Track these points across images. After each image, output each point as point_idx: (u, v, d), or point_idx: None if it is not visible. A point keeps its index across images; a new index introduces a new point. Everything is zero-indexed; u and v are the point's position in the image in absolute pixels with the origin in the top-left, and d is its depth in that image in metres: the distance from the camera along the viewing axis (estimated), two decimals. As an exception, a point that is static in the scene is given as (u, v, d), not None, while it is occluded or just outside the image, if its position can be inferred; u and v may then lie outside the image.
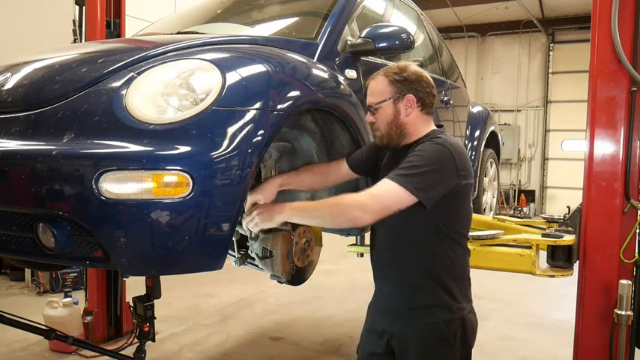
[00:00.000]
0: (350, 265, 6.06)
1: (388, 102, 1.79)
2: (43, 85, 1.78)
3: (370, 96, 1.85)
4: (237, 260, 2.23)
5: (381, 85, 1.81)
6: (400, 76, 1.79)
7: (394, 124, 1.80)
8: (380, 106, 1.80)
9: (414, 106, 1.79)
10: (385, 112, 1.80)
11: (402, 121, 1.79)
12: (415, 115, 1.80)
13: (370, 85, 1.86)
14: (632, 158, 2.43)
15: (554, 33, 13.23)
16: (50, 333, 2.94)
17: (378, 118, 1.82)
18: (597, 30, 2.46)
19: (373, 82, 1.85)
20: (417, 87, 1.80)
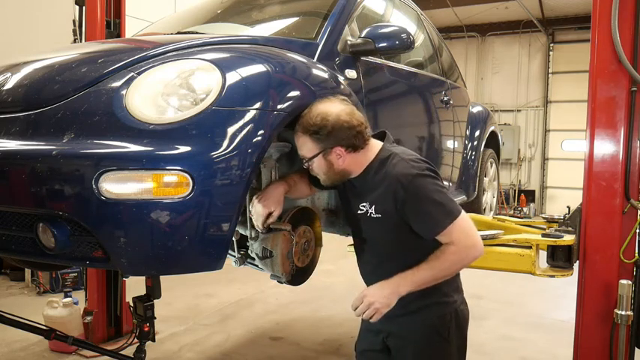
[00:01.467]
0: (350, 265, 6.02)
1: (318, 157, 1.75)
2: (43, 85, 1.78)
3: (300, 150, 1.79)
4: (237, 260, 2.23)
5: (306, 142, 1.75)
6: (320, 134, 1.70)
7: (332, 172, 1.78)
8: (311, 161, 1.77)
9: (344, 155, 1.74)
10: (319, 166, 1.77)
11: (339, 168, 1.77)
12: (351, 159, 1.76)
13: (297, 140, 1.79)
14: (632, 158, 2.43)
15: (554, 33, 13.22)
16: (50, 333, 2.94)
17: (314, 169, 1.79)
18: (597, 30, 2.46)
19: (298, 139, 1.77)
20: (341, 136, 1.71)
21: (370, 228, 1.81)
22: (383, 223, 1.75)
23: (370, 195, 1.77)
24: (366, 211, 1.78)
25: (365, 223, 1.82)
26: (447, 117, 3.58)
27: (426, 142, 3.27)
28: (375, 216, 1.75)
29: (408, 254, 1.75)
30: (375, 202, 1.75)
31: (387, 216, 1.73)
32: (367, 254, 1.90)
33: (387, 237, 1.78)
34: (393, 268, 1.72)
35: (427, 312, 1.79)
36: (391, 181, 1.71)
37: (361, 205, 1.79)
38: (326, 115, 1.71)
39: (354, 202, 1.84)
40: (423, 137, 3.23)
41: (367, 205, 1.77)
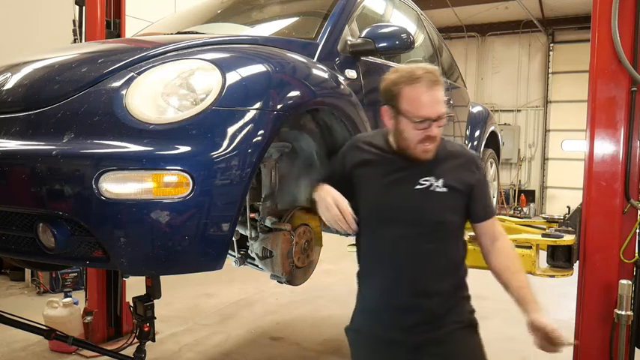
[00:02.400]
0: (350, 265, 6.04)
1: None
2: (43, 85, 1.78)
3: (440, 105, 1.63)
4: (237, 260, 2.23)
5: (441, 93, 1.65)
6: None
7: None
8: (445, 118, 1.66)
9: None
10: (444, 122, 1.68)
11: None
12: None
13: (435, 93, 1.62)
14: (632, 158, 2.43)
15: (554, 33, 13.23)
16: (50, 333, 2.94)
17: (440, 131, 1.67)
18: (597, 30, 2.46)
19: (434, 92, 1.62)
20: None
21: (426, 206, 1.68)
22: (446, 199, 1.68)
23: (437, 169, 1.69)
24: (430, 185, 1.67)
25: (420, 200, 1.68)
26: (447, 117, 3.58)
27: (426, 142, 3.26)
28: (439, 190, 1.67)
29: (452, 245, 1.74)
30: (444, 176, 1.68)
31: (454, 191, 1.68)
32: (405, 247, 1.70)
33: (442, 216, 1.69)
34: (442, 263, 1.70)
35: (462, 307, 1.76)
36: (467, 159, 1.75)
37: (423, 180, 1.68)
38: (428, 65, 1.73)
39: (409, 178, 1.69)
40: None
41: (432, 178, 1.68)
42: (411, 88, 1.62)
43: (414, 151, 1.67)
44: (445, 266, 1.71)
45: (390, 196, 1.72)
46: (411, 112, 1.62)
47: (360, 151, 1.80)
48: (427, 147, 1.66)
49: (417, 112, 1.61)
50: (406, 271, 1.69)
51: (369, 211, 1.75)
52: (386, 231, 1.72)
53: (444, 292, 1.70)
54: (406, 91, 1.62)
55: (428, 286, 1.69)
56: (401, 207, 1.70)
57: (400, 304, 1.70)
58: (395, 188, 1.71)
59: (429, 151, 1.66)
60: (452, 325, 1.70)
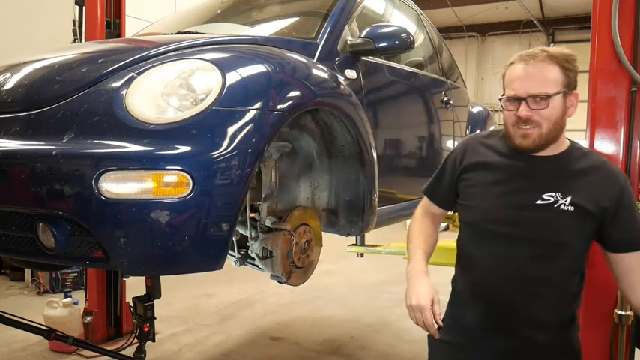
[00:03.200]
0: (350, 265, 6.05)
1: (559, 96, 1.43)
2: (43, 85, 1.78)
3: (535, 83, 1.42)
4: (237, 260, 2.23)
5: (553, 71, 1.42)
6: (572, 65, 1.44)
7: (558, 123, 1.45)
8: (552, 98, 1.41)
9: (575, 106, 1.47)
10: (554, 107, 1.43)
11: (563, 122, 1.47)
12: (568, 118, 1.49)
13: (531, 70, 1.43)
14: (632, 158, 2.43)
15: (554, 33, 13.24)
16: (50, 333, 2.94)
17: (543, 113, 1.42)
18: (597, 30, 2.45)
19: (538, 67, 1.43)
20: (576, 83, 1.48)
21: (546, 225, 1.46)
22: (572, 220, 1.44)
23: (566, 183, 1.46)
24: (555, 202, 1.45)
25: (541, 219, 1.46)
26: (447, 117, 3.59)
27: (426, 142, 3.27)
28: (565, 208, 1.44)
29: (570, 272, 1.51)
30: (573, 192, 1.45)
31: (584, 213, 1.44)
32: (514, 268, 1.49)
33: (563, 238, 1.46)
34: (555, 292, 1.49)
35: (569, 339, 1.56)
36: (607, 175, 1.47)
37: (547, 195, 1.45)
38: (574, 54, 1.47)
39: (530, 191, 1.48)
40: (423, 137, 3.23)
41: (558, 194, 1.45)
42: (513, 65, 1.49)
43: (512, 139, 1.49)
44: (557, 297, 1.50)
45: (504, 208, 1.51)
46: (505, 92, 1.49)
47: (474, 153, 1.61)
48: (524, 131, 1.45)
49: (507, 91, 1.47)
50: (511, 295, 1.49)
51: (475, 220, 1.57)
52: (492, 246, 1.52)
53: (551, 325, 1.51)
54: (508, 69, 1.51)
55: (534, 314, 1.49)
56: (515, 222, 1.49)
57: (497, 328, 1.53)
58: (511, 199, 1.50)
59: (526, 136, 1.45)
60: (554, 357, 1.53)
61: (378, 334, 4.13)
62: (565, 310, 1.54)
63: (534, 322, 1.50)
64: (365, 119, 2.26)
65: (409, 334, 3.97)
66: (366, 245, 3.58)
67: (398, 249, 3.20)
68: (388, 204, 2.69)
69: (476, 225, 1.57)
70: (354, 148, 2.24)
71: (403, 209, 2.88)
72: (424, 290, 1.49)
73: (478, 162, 1.58)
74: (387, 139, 2.74)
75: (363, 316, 4.55)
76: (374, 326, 4.30)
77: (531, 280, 1.48)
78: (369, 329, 4.25)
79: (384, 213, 2.55)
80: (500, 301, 1.51)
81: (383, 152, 2.66)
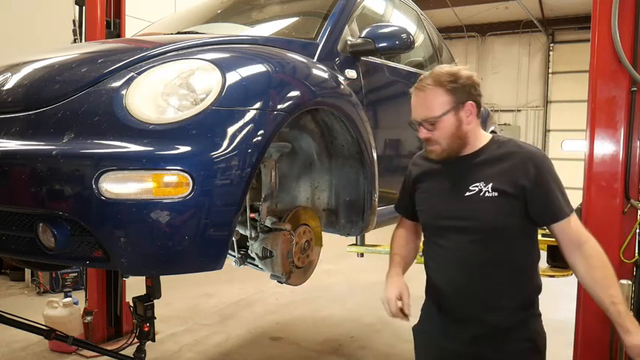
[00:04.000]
0: (350, 265, 6.05)
1: (449, 114, 1.62)
2: (43, 85, 1.78)
3: (423, 109, 1.64)
4: (237, 260, 2.23)
5: (437, 96, 1.62)
6: (457, 83, 1.62)
7: (457, 135, 1.65)
8: (440, 119, 1.62)
9: (473, 114, 1.65)
10: (446, 125, 1.63)
11: (464, 130, 1.65)
12: (474, 123, 1.67)
13: (420, 98, 1.66)
14: (632, 158, 2.43)
15: (554, 33, 13.23)
16: (50, 333, 2.94)
17: (437, 133, 1.64)
18: (597, 30, 2.45)
19: (424, 94, 1.64)
20: (473, 92, 1.65)
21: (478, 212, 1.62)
22: (497, 203, 1.59)
23: (486, 172, 1.63)
24: (479, 191, 1.61)
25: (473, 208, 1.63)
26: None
27: (426, 142, 3.26)
28: (490, 194, 1.60)
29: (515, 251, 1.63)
30: (493, 179, 1.61)
31: (506, 195, 1.59)
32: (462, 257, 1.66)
33: (497, 221, 1.60)
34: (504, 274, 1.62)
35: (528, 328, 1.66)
36: (521, 158, 1.61)
37: (472, 186, 1.63)
38: (460, 70, 1.66)
39: (459, 186, 1.66)
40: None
41: (481, 183, 1.62)
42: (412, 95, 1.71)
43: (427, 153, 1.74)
44: (507, 277, 1.63)
45: (442, 205, 1.71)
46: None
47: (415, 167, 1.85)
48: (429, 148, 1.70)
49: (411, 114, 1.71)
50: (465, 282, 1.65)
51: (426, 221, 1.79)
52: (442, 241, 1.70)
53: (507, 306, 1.62)
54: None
55: (488, 298, 1.63)
56: (453, 215, 1.67)
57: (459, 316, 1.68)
58: (445, 197, 1.70)
59: (432, 151, 1.69)
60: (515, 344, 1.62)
61: (378, 334, 4.13)
62: (520, 289, 1.65)
63: (491, 306, 1.63)
64: (365, 119, 2.26)
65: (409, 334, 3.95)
66: (366, 245, 3.58)
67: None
68: (388, 204, 2.68)
69: (426, 224, 1.79)
70: (354, 148, 2.24)
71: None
72: (390, 286, 1.73)
73: (420, 173, 1.81)
74: (387, 139, 2.74)
75: (363, 316, 4.55)
76: (374, 326, 4.30)
77: (479, 265, 1.63)
78: (369, 329, 4.25)
79: (384, 213, 2.54)
80: (457, 289, 1.67)
81: (383, 152, 2.66)
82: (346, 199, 2.36)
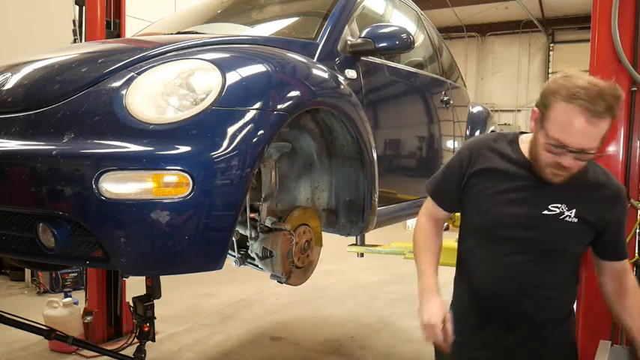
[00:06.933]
0: (350, 265, 6.05)
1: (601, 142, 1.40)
2: (43, 85, 1.78)
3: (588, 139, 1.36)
4: (237, 260, 2.23)
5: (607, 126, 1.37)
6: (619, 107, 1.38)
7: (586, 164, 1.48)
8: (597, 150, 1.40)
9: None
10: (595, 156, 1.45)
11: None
12: None
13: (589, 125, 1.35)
14: (632, 158, 2.42)
15: (554, 33, 13.24)
16: (50, 333, 2.94)
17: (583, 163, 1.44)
18: (597, 30, 2.45)
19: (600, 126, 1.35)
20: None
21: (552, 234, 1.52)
22: (575, 230, 1.52)
23: (572, 196, 1.51)
24: (560, 213, 1.51)
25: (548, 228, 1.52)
26: (447, 117, 3.59)
27: (426, 142, 3.27)
28: (570, 220, 1.51)
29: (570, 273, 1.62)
30: (579, 205, 1.50)
31: (586, 224, 1.52)
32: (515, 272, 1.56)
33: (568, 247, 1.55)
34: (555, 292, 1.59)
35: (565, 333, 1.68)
36: (612, 192, 1.54)
37: (553, 205, 1.51)
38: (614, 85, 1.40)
39: (538, 201, 1.52)
40: (423, 137, 3.23)
41: (564, 206, 1.51)
42: (568, 106, 1.37)
43: (542, 172, 1.49)
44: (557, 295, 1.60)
45: (511, 215, 1.54)
46: (552, 131, 1.39)
47: (482, 158, 1.60)
48: (557, 173, 1.46)
49: (556, 133, 1.38)
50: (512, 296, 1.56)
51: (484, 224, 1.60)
52: (498, 249, 1.57)
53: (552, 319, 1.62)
54: (560, 106, 1.38)
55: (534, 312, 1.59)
56: (521, 229, 1.53)
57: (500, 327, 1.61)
58: (518, 207, 1.53)
59: (558, 177, 1.47)
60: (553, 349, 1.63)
61: (378, 334, 4.13)
62: (563, 308, 1.65)
63: (536, 320, 1.59)
64: (365, 119, 2.26)
65: (409, 334, 3.97)
66: (366, 245, 3.58)
67: (398, 249, 3.20)
68: (388, 204, 2.69)
69: (484, 228, 1.60)
70: (354, 148, 2.24)
71: (403, 209, 2.88)
72: (436, 309, 1.53)
73: (487, 167, 1.59)
74: (387, 139, 2.74)
75: (363, 316, 4.55)
76: (374, 326, 4.30)
77: (533, 283, 1.55)
78: (369, 329, 4.25)
79: (384, 213, 2.55)
80: (504, 301, 1.58)
81: (383, 152, 2.66)
82: (346, 199, 2.36)
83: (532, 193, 1.53)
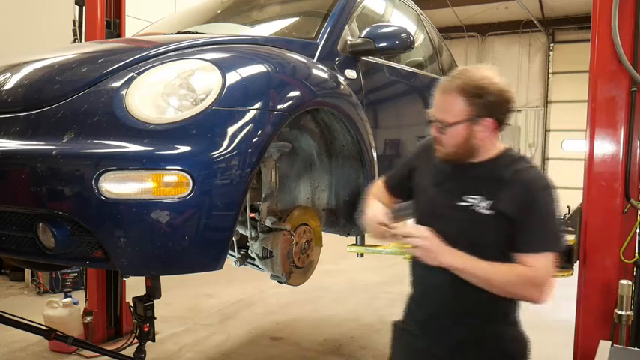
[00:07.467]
0: (350, 265, 6.05)
1: (462, 125, 1.53)
2: (43, 85, 1.78)
3: (441, 112, 1.56)
4: (237, 260, 2.23)
5: (457, 104, 1.52)
6: (482, 98, 1.51)
7: (464, 146, 1.56)
8: (452, 127, 1.54)
9: (490, 130, 1.56)
10: (456, 134, 1.54)
11: (473, 143, 1.56)
12: (489, 137, 1.57)
13: (441, 100, 1.56)
14: (632, 158, 2.43)
15: (554, 33, 13.23)
16: (50, 333, 2.94)
17: (445, 137, 1.56)
18: (597, 30, 2.45)
19: (446, 98, 1.55)
20: (497, 109, 1.54)
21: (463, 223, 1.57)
22: (487, 221, 1.54)
23: (485, 188, 1.55)
24: (473, 205, 1.55)
25: (458, 218, 1.58)
26: (447, 117, 3.58)
27: (426, 142, 3.26)
28: (483, 212, 1.53)
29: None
30: (492, 197, 1.54)
31: (498, 216, 1.53)
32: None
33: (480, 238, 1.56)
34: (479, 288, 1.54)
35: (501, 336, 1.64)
36: (523, 183, 1.54)
37: (468, 197, 1.56)
38: (490, 78, 1.55)
39: (454, 192, 1.59)
40: (423, 137, 3.23)
41: (478, 198, 1.55)
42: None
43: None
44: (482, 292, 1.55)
45: (432, 206, 1.65)
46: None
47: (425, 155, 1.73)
48: (437, 148, 1.61)
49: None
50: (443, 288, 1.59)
51: (419, 215, 1.71)
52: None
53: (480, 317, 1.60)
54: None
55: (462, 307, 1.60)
56: (442, 220, 1.59)
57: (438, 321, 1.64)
58: (441, 199, 1.62)
59: (438, 150, 1.61)
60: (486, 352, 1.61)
61: (377, 334, 4.13)
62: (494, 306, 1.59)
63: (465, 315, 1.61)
64: (365, 119, 2.26)
65: (409, 334, 3.96)
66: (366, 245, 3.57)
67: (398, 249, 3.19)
68: (388, 204, 2.69)
69: (420, 219, 1.71)
70: (354, 148, 2.24)
71: (403, 209, 2.88)
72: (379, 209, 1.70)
73: (426, 163, 1.72)
74: (387, 139, 2.74)
75: (363, 316, 4.55)
76: (374, 326, 4.30)
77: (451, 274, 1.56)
78: (369, 329, 4.25)
79: (384, 213, 2.54)
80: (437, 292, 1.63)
81: (383, 152, 2.66)
82: (346, 199, 2.36)
83: (452, 186, 1.61)
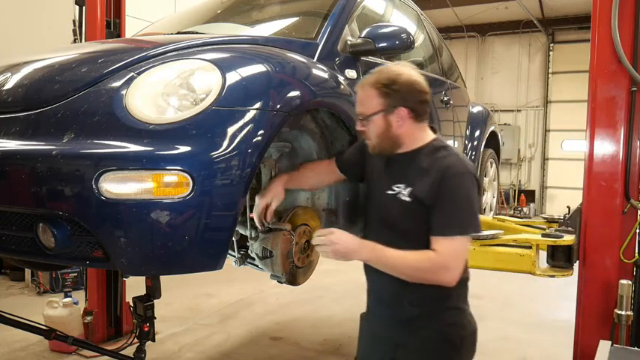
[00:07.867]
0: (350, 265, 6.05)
1: (378, 115, 1.69)
2: (43, 85, 1.78)
3: (359, 105, 1.75)
4: (237, 260, 2.23)
5: (370, 96, 1.70)
6: (390, 88, 1.67)
7: (386, 136, 1.71)
8: (370, 119, 1.71)
9: (406, 119, 1.69)
10: (376, 125, 1.71)
11: (394, 133, 1.71)
12: (408, 126, 1.71)
13: (358, 94, 1.76)
14: (632, 158, 2.43)
15: (554, 33, 13.24)
16: (50, 333, 2.94)
17: (369, 130, 1.74)
18: (597, 30, 2.46)
19: (361, 92, 1.74)
20: (408, 98, 1.68)
21: (392, 210, 1.72)
22: (409, 208, 1.67)
23: (410, 178, 1.69)
24: (398, 192, 1.70)
25: (389, 206, 1.73)
26: (446, 117, 3.58)
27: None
28: (405, 199, 1.68)
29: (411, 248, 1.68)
30: (412, 185, 1.67)
31: (416, 202, 1.65)
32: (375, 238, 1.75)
33: (406, 224, 1.69)
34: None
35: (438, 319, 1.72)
36: (438, 170, 1.64)
37: (395, 186, 1.71)
38: (399, 72, 1.70)
39: (386, 181, 1.75)
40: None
41: (402, 186, 1.69)
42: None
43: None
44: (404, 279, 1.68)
45: (375, 196, 1.82)
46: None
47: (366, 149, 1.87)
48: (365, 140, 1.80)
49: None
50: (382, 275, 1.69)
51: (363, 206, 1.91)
52: (369, 231, 1.84)
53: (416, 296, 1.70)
54: None
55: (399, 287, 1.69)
56: (377, 209, 1.80)
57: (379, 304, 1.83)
58: (376, 189, 1.81)
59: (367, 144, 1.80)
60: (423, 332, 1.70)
61: (378, 334, 4.13)
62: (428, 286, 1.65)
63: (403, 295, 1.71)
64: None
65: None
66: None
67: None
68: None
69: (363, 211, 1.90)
70: (354, 148, 2.24)
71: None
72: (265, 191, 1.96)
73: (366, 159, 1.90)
74: (387, 139, 2.73)
75: (363, 316, 4.55)
76: (374, 326, 4.30)
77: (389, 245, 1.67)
78: (369, 329, 4.25)
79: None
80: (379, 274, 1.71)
81: (383, 152, 2.66)
82: (346, 199, 2.36)
83: (384, 176, 1.78)
